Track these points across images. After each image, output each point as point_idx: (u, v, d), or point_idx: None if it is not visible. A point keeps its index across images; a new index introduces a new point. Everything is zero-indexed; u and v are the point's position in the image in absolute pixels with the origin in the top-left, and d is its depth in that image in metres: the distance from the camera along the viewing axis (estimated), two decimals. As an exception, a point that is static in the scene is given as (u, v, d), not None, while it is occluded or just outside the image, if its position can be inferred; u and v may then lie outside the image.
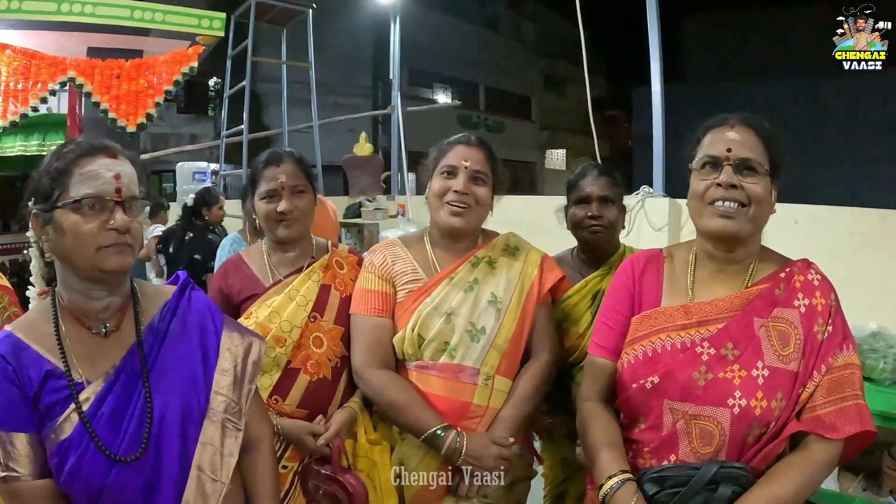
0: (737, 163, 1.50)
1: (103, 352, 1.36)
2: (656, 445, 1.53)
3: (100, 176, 1.31)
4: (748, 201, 1.50)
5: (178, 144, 15.82)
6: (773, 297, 1.53)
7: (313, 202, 2.16)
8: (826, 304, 1.52)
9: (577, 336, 2.21)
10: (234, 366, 1.48)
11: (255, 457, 1.55)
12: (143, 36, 5.88)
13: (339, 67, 18.69)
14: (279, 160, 2.10)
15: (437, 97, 26.09)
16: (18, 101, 5.26)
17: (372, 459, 2.03)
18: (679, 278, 1.65)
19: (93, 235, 1.29)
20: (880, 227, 4.06)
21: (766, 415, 1.44)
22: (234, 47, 7.86)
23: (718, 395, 1.46)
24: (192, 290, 1.55)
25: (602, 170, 2.33)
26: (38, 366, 1.29)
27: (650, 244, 2.40)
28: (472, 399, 1.91)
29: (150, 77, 5.67)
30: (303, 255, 2.15)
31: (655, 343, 1.55)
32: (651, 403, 1.54)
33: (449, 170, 1.98)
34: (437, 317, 1.93)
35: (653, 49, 5.94)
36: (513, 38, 30.01)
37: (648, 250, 1.78)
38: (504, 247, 2.09)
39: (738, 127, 1.55)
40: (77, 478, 1.26)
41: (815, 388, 1.46)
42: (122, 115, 5.45)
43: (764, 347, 1.48)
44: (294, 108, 8.95)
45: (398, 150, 9.15)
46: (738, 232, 1.51)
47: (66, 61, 5.42)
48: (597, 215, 2.25)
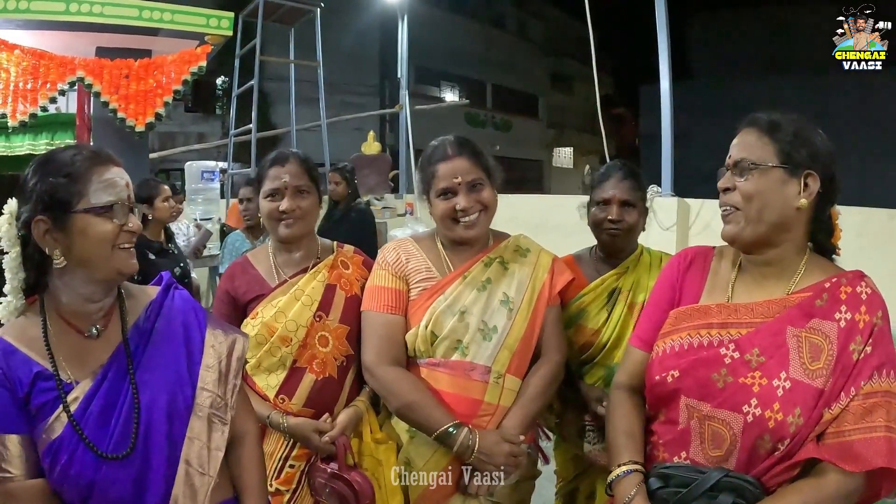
0: (733, 165, 1.50)
1: (91, 352, 1.39)
2: (669, 439, 1.53)
3: (117, 184, 1.39)
4: (740, 202, 1.48)
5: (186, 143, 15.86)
6: (812, 307, 1.44)
7: (317, 203, 2.17)
8: (869, 322, 1.41)
9: (591, 333, 2.21)
10: (218, 362, 1.51)
11: (242, 451, 1.58)
12: (152, 36, 5.88)
13: (346, 66, 18.74)
14: (285, 160, 2.11)
15: (444, 96, 26.15)
16: (28, 101, 5.27)
17: (377, 458, 2.04)
18: (722, 277, 1.62)
19: (114, 237, 1.36)
20: (888, 227, 4.06)
21: (779, 428, 1.37)
22: (242, 46, 7.90)
23: (734, 400, 1.42)
24: (176, 290, 1.58)
25: (627, 172, 2.29)
26: (28, 368, 1.32)
27: (658, 243, 2.40)
28: (482, 397, 1.92)
29: (159, 77, 5.68)
30: (308, 256, 2.16)
31: (684, 338, 1.54)
32: (671, 397, 1.53)
33: (445, 191, 1.97)
34: (451, 315, 1.94)
35: (661, 47, 5.94)
36: (520, 37, 30.03)
37: (701, 247, 1.75)
38: (515, 248, 2.10)
39: (743, 129, 1.53)
40: (68, 476, 1.29)
41: (840, 411, 1.35)
42: (132, 115, 5.46)
43: (791, 358, 1.41)
44: (302, 106, 8.97)
45: (406, 149, 9.18)
46: (738, 235, 1.50)
47: (74, 61, 5.43)
48: (616, 219, 2.23)
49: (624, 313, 2.19)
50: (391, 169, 9.24)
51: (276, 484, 2.01)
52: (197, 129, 19.81)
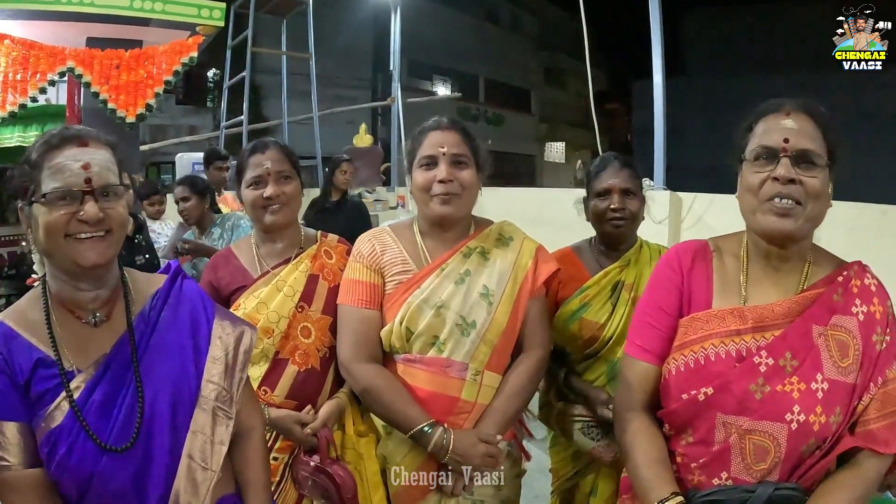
0: (795, 155, 1.37)
1: (94, 341, 1.35)
2: (706, 461, 1.42)
3: (67, 168, 1.28)
4: (805, 198, 1.36)
5: (177, 136, 15.80)
6: (831, 302, 1.41)
7: (299, 189, 2.14)
8: (884, 312, 1.42)
9: (597, 327, 2.18)
10: (225, 354, 1.47)
11: (247, 446, 1.55)
12: (143, 26, 5.84)
13: (339, 59, 18.67)
14: (264, 147, 2.09)
15: (436, 89, 26.11)
16: (17, 91, 5.22)
17: (359, 451, 2.03)
18: (731, 277, 1.52)
19: (62, 226, 1.26)
20: (881, 222, 4.06)
21: (824, 430, 1.35)
22: (233, 38, 7.85)
23: (776, 410, 1.36)
24: (184, 279, 1.53)
25: (623, 161, 2.29)
26: (29, 354, 1.28)
27: (651, 237, 2.39)
28: (459, 394, 1.87)
29: (150, 67, 5.63)
30: (291, 246, 2.14)
31: (708, 349, 1.43)
32: (702, 416, 1.42)
33: (428, 161, 1.91)
34: (427, 310, 1.88)
35: (655, 43, 5.93)
36: (513, 31, 30.02)
37: (694, 242, 1.62)
38: (498, 236, 2.03)
39: (795, 114, 1.42)
40: (67, 466, 1.25)
41: (869, 400, 1.37)
42: (122, 106, 5.42)
43: (823, 358, 1.37)
44: (294, 99, 8.94)
45: (398, 142, 9.15)
46: (795, 231, 1.38)
47: (65, 51, 5.39)
48: (619, 207, 2.21)
49: (629, 307, 2.15)
50: (383, 162, 9.22)
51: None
52: (188, 122, 19.72)
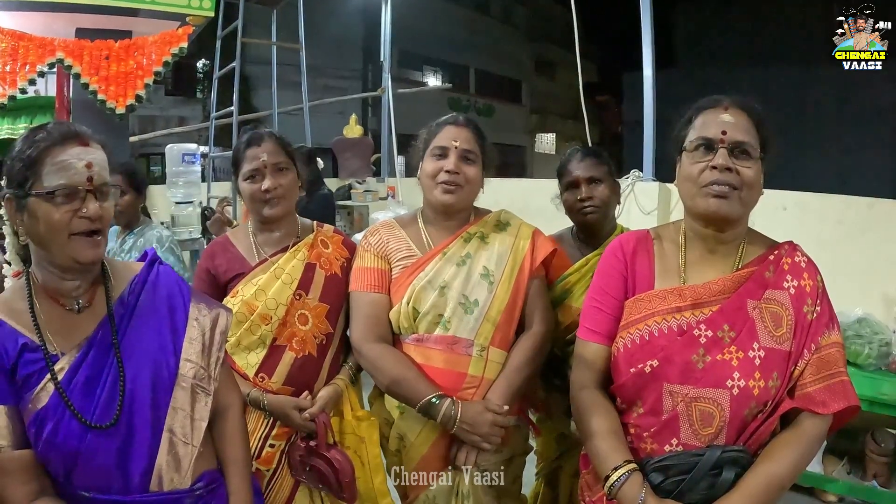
0: (731, 146, 1.51)
1: (76, 326, 1.42)
2: (657, 429, 1.53)
3: (72, 166, 1.34)
4: (740, 185, 1.50)
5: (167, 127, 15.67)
6: (763, 279, 1.55)
7: (296, 180, 2.19)
8: (814, 285, 1.56)
9: (578, 313, 2.23)
10: (202, 335, 1.54)
11: (226, 423, 1.62)
12: (132, 17, 5.79)
13: (329, 49, 18.60)
14: (260, 139, 2.12)
15: (427, 80, 26.04)
16: (6, 83, 5.17)
17: (359, 435, 2.08)
18: (670, 260, 1.66)
19: (66, 224, 1.33)
20: (867, 215, 4.11)
21: (763, 394, 1.47)
22: (223, 28, 7.80)
23: (717, 377, 1.48)
24: (160, 265, 1.60)
25: (586, 151, 2.38)
26: (14, 340, 1.34)
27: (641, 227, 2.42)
28: (467, 370, 1.96)
29: (140, 58, 5.58)
30: (288, 235, 2.19)
31: (651, 326, 1.56)
32: (650, 387, 1.54)
33: (440, 151, 2.03)
34: (431, 290, 1.99)
35: (645, 35, 5.95)
36: (504, 22, 29.93)
37: (635, 232, 1.79)
38: (496, 222, 2.14)
39: (732, 109, 1.55)
40: (53, 445, 1.32)
41: (805, 365, 1.51)
42: (112, 97, 5.37)
43: (758, 329, 1.50)
44: (284, 89, 8.88)
45: (388, 133, 9.12)
46: (731, 213, 1.52)
47: (54, 42, 5.34)
48: (586, 197, 2.29)
49: None
50: (373, 152, 9.20)
51: (256, 464, 2.02)
52: (178, 113, 19.60)
